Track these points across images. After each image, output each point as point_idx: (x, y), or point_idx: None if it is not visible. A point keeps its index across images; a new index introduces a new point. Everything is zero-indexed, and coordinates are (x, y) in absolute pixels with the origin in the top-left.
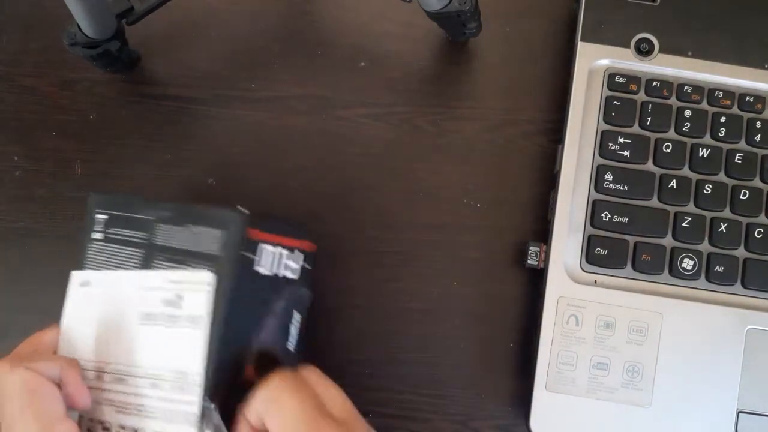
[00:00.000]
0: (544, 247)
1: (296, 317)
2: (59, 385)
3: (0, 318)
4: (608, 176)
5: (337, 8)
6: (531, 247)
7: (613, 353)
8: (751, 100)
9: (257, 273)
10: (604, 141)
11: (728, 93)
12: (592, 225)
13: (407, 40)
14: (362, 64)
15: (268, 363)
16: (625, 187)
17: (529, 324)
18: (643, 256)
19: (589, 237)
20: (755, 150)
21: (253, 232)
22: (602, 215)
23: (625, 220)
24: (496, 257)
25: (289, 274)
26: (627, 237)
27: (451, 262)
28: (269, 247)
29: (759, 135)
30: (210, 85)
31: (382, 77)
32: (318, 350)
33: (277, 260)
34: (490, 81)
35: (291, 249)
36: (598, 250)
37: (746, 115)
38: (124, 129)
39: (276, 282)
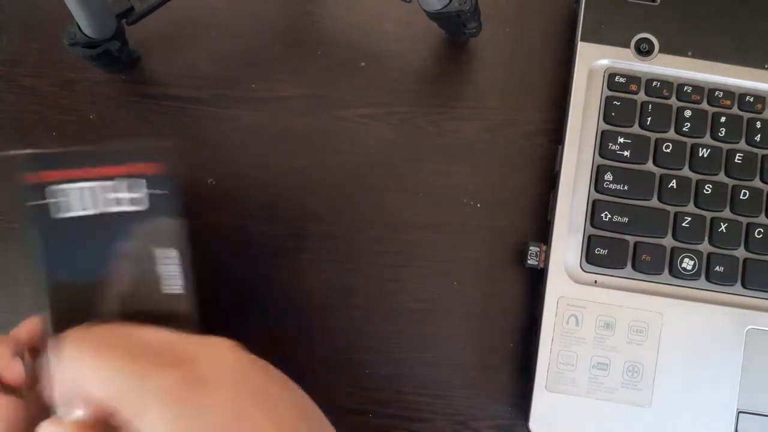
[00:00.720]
0: (544, 247)
1: (165, 254)
2: None
3: (0, 318)
4: (608, 176)
5: (337, 8)
6: (531, 247)
7: (613, 353)
8: (751, 100)
9: (65, 219)
10: (604, 141)
11: (728, 93)
12: (592, 225)
13: (407, 40)
14: (362, 64)
15: (150, 317)
16: (625, 187)
17: (529, 324)
18: (643, 256)
19: (589, 237)
20: (755, 150)
21: (35, 176)
22: (602, 215)
23: (625, 220)
24: (496, 257)
25: (128, 207)
26: (627, 237)
27: (451, 262)
28: (74, 185)
29: (759, 135)
30: (210, 85)
31: (382, 77)
32: (318, 350)
33: (97, 196)
34: (490, 81)
35: (119, 178)
36: (598, 250)
37: (746, 115)
38: (124, 129)
39: (109, 221)
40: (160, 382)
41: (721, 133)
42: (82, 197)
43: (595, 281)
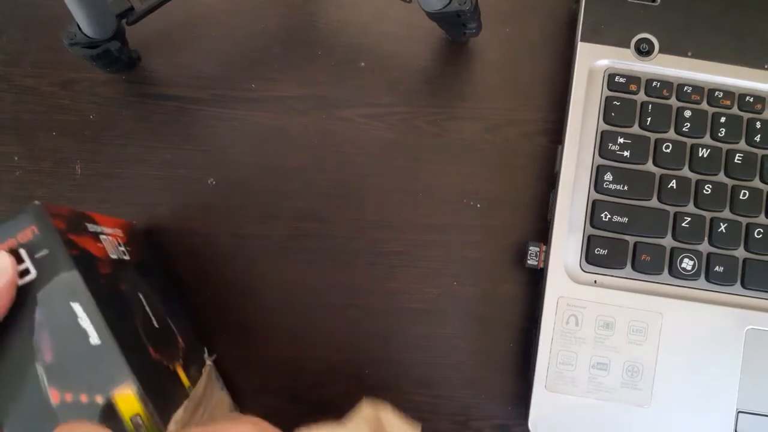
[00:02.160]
0: (544, 247)
1: (76, 308)
2: None
3: None
4: (608, 176)
5: (337, 8)
6: (531, 247)
7: (612, 353)
8: (751, 100)
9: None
10: (604, 141)
11: (728, 93)
12: (592, 225)
13: (407, 40)
14: (362, 64)
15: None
16: (625, 187)
17: (529, 324)
18: (643, 256)
19: (589, 237)
20: (755, 150)
21: None
22: (602, 215)
23: (625, 220)
24: (496, 257)
25: (20, 281)
26: (627, 237)
27: (451, 262)
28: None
29: (759, 135)
30: (210, 85)
31: (382, 77)
32: (318, 350)
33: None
34: (490, 81)
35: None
36: (597, 250)
37: (746, 115)
38: (124, 129)
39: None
40: None
41: (721, 134)
42: None
43: (595, 281)
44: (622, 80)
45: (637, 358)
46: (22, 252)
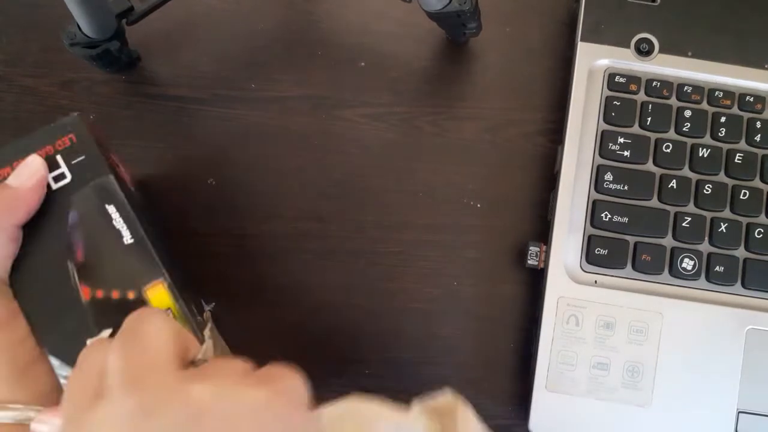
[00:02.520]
0: (544, 247)
1: (111, 210)
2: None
3: None
4: (608, 176)
5: (337, 8)
6: (531, 247)
7: (613, 353)
8: (751, 100)
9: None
10: (604, 141)
11: (728, 93)
12: (592, 225)
13: (407, 40)
14: (362, 64)
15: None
16: (625, 187)
17: (529, 324)
18: (643, 256)
19: (589, 237)
20: (755, 150)
21: None
22: (602, 215)
23: (625, 220)
24: (496, 257)
25: (55, 184)
26: (627, 237)
27: (451, 262)
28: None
29: (759, 135)
30: (210, 85)
31: (382, 77)
32: (318, 350)
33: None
34: (490, 81)
35: (46, 159)
36: (598, 250)
37: (746, 115)
38: (124, 129)
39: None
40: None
41: (721, 133)
42: None
43: (595, 281)
44: (622, 80)
45: (637, 358)
46: (59, 158)
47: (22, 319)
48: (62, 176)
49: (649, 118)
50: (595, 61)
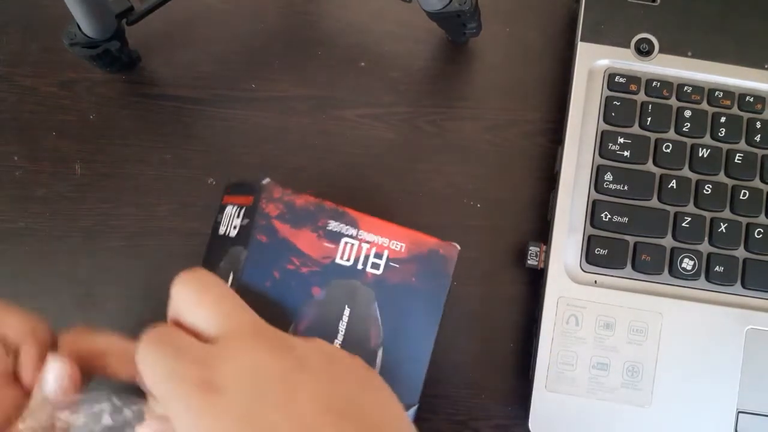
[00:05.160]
0: (544, 247)
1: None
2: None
3: None
4: (608, 176)
5: (337, 8)
6: (531, 247)
7: (613, 353)
8: (751, 100)
9: (219, 234)
10: (604, 141)
11: (728, 93)
12: (592, 225)
13: (407, 40)
14: (362, 64)
15: None
16: (625, 187)
17: (529, 324)
18: (643, 256)
19: (589, 237)
20: (755, 150)
21: (225, 197)
22: (602, 215)
23: (625, 220)
24: (496, 257)
25: (232, 232)
26: (627, 237)
27: None
28: (228, 208)
29: (759, 135)
30: (210, 85)
31: (382, 77)
32: None
33: (229, 219)
34: (490, 81)
35: (240, 206)
36: (598, 250)
37: (746, 115)
38: (124, 129)
39: (224, 241)
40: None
41: (721, 134)
42: (228, 219)
43: (595, 281)
44: (622, 80)
45: (637, 358)
46: (233, 209)
47: None
48: (234, 227)
49: (649, 118)
50: (595, 61)
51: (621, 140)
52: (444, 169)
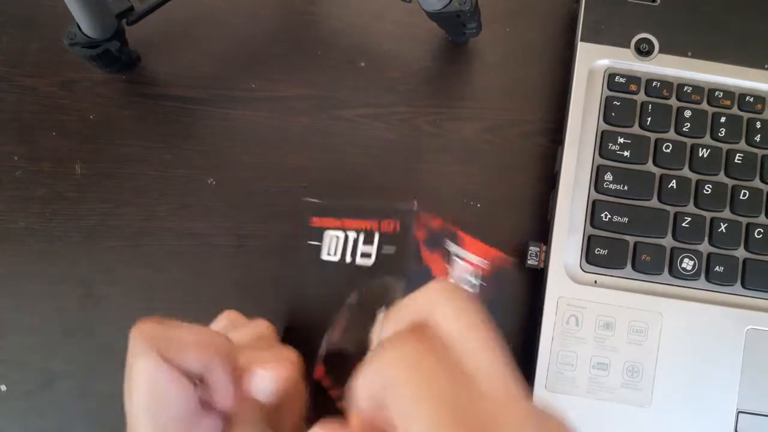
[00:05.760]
0: (544, 247)
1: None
2: (200, 380)
3: (1, 316)
4: (608, 176)
5: (337, 8)
6: (531, 247)
7: (613, 353)
8: (751, 100)
9: (323, 261)
10: (604, 141)
11: (728, 93)
12: (592, 225)
13: (407, 40)
14: (362, 64)
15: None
16: (625, 187)
17: (529, 324)
18: (643, 256)
19: (589, 237)
20: (755, 150)
21: (315, 219)
22: (602, 215)
23: (625, 220)
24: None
25: (360, 261)
26: (627, 237)
27: None
28: (332, 232)
29: (759, 135)
30: (210, 85)
31: (382, 77)
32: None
33: (342, 244)
34: (490, 81)
35: (359, 231)
36: (598, 250)
37: (746, 115)
38: (124, 129)
39: (345, 270)
40: None
41: (721, 134)
42: (337, 244)
43: (595, 281)
44: (622, 80)
45: (637, 358)
46: (346, 234)
47: None
48: (368, 255)
49: (649, 118)
50: (595, 61)
51: (621, 140)
52: (444, 169)
